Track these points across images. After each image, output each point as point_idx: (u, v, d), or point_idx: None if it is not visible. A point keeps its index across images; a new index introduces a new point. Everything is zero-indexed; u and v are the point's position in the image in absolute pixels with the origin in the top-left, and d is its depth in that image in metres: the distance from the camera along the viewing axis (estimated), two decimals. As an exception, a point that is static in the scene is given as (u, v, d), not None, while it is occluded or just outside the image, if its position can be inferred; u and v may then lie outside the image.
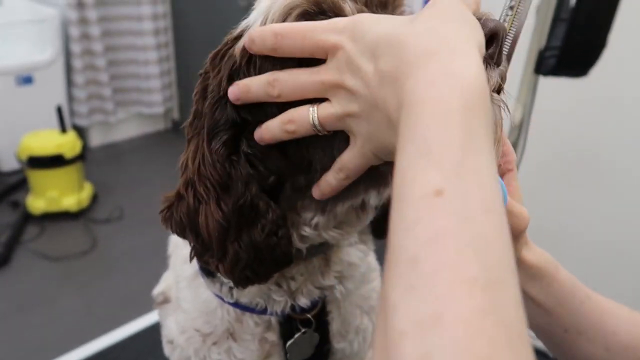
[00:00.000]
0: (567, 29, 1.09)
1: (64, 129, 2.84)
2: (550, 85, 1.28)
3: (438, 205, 0.27)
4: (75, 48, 3.33)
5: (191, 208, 0.45)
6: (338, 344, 0.58)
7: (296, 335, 0.52)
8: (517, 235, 0.46)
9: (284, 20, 0.43)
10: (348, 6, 0.43)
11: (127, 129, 3.82)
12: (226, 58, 0.47)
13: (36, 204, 2.84)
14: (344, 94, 0.39)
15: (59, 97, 3.31)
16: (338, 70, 0.39)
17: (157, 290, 0.73)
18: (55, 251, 2.62)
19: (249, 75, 0.44)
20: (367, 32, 0.38)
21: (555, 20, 1.10)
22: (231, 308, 0.56)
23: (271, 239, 0.43)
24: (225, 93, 0.45)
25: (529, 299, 0.51)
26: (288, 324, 0.54)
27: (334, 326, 0.57)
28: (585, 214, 2.08)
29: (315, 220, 0.48)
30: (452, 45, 0.34)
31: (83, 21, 3.33)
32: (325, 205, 0.47)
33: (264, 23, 0.45)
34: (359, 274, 0.59)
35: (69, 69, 3.42)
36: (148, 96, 3.74)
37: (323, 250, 0.54)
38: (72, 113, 3.52)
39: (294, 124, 0.42)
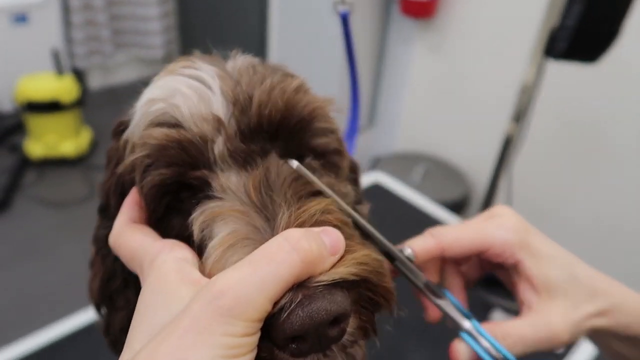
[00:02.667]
0: (583, 8, 1.02)
1: (60, 72, 2.77)
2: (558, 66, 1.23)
3: None
4: (72, -15, 3.19)
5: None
6: None
7: None
8: (563, 343, 0.42)
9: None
10: (221, 179, 0.37)
11: (126, 73, 3.74)
12: (115, 161, 0.44)
13: (34, 148, 2.82)
14: None
15: (56, 38, 3.21)
16: None
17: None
18: (54, 197, 2.63)
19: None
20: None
21: (572, -1, 1.03)
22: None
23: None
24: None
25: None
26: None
27: None
28: (587, 187, 2.06)
29: None
30: None
31: (79, -44, 3.17)
32: None
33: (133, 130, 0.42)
34: None
35: (66, 9, 3.30)
36: (147, 38, 3.63)
37: None
38: (71, 54, 3.43)
39: None
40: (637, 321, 0.44)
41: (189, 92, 0.39)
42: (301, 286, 0.29)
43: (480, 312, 1.02)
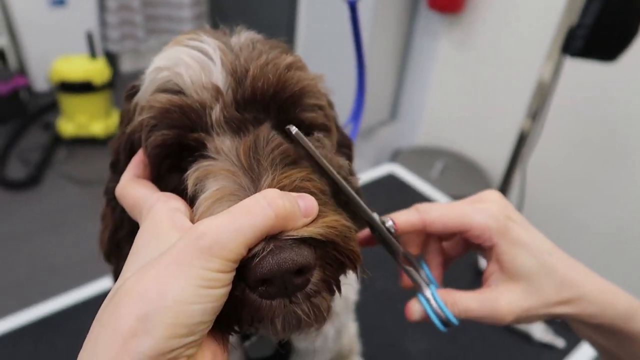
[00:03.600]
0: (601, 6, 1.02)
1: (93, 55, 2.86)
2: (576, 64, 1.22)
3: None
4: (108, -29, 3.28)
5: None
6: (299, 344, 0.60)
7: (252, 338, 0.54)
8: (506, 321, 0.46)
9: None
10: (216, 142, 0.41)
11: (157, 58, 3.82)
12: (125, 121, 0.49)
13: (66, 127, 2.93)
14: None
15: (91, 21, 3.31)
16: None
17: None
18: (82, 175, 2.73)
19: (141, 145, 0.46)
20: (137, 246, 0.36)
21: (592, -4, 1.03)
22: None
23: None
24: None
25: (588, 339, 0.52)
26: None
27: None
28: (602, 189, 2.03)
29: None
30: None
31: (117, -58, 3.26)
32: None
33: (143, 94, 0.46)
34: None
35: (101, -7, 3.40)
36: (179, 25, 3.71)
37: None
38: (104, 38, 3.53)
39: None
40: (602, 312, 0.46)
41: (192, 63, 0.42)
42: (274, 238, 0.33)
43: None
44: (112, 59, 3.55)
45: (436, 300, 0.47)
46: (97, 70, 2.83)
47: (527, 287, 0.46)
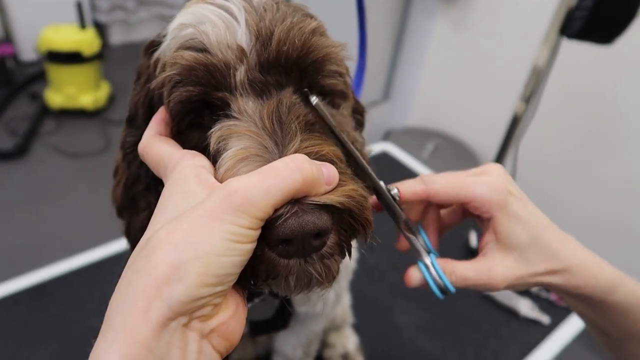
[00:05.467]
0: (601, -11, 1.02)
1: (83, 25, 2.80)
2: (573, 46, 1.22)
3: None
4: (98, -62, 3.19)
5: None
6: (300, 308, 0.62)
7: (255, 300, 0.56)
8: (498, 289, 0.49)
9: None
10: (239, 103, 0.41)
11: (147, 30, 3.75)
12: (145, 77, 0.49)
13: (54, 98, 2.88)
14: None
15: (80, -11, 3.22)
16: None
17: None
18: (71, 147, 2.69)
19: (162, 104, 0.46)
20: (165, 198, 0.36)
21: (591, -22, 1.03)
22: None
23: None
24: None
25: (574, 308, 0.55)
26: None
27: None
28: (593, 175, 2.06)
29: None
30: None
31: None
32: None
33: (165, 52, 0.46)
34: None
35: (91, -40, 3.31)
36: (170, -3, 3.64)
37: None
38: (94, 8, 3.45)
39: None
40: (586, 283, 0.49)
41: (217, 21, 0.42)
42: (298, 201, 0.34)
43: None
44: (101, 29, 3.47)
45: (435, 269, 0.48)
46: (86, 40, 2.77)
47: (519, 258, 0.49)
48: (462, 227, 1.21)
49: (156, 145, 0.42)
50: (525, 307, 1.04)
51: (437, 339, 0.97)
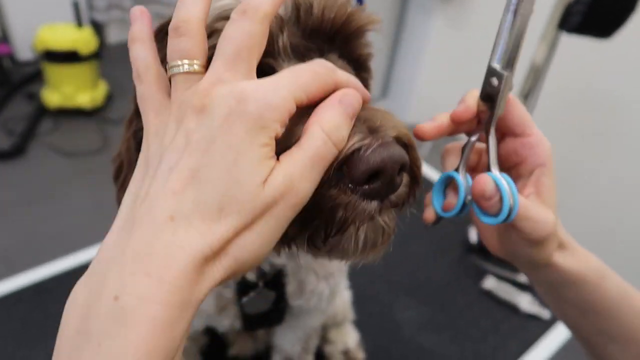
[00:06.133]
0: (600, -17, 1.02)
1: (80, 24, 2.79)
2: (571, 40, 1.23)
3: None
4: (95, -64, 3.18)
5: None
6: (294, 302, 0.61)
7: (250, 294, 0.55)
8: (538, 240, 0.45)
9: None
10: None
11: (144, 29, 3.75)
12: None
13: (51, 97, 2.87)
14: None
15: (77, -12, 3.21)
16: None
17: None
18: (68, 146, 2.69)
19: None
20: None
21: (590, -28, 1.03)
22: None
23: None
24: None
25: (564, 301, 0.52)
26: (243, 283, 0.57)
27: (290, 288, 0.59)
28: (592, 173, 2.07)
29: None
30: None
31: None
32: None
33: None
34: None
35: (87, -41, 3.30)
36: (167, -4, 3.63)
37: None
38: (91, 7, 3.45)
39: None
40: (580, 266, 0.49)
41: None
42: (375, 133, 0.33)
43: (474, 278, 1.05)
44: (98, 28, 3.47)
45: (509, 184, 0.43)
46: (83, 39, 2.77)
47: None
48: (461, 224, 1.22)
49: None
50: (526, 302, 1.04)
51: (437, 334, 0.97)
